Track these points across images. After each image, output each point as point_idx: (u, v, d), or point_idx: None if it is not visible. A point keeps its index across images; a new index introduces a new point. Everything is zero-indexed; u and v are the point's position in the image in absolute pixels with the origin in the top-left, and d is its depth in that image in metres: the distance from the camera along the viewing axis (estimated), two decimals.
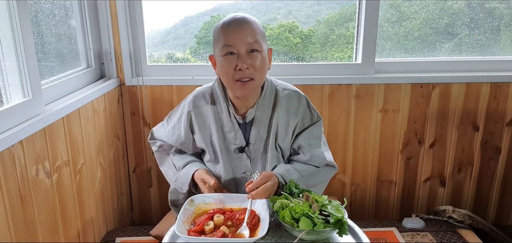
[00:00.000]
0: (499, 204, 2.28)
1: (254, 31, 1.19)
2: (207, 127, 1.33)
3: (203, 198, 1.19)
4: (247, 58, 1.18)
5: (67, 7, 1.82)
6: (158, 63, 2.22)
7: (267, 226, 1.03)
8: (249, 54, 1.19)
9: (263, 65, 1.22)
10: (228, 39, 1.18)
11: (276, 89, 1.33)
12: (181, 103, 1.43)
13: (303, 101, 1.34)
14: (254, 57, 1.19)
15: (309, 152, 1.32)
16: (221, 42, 1.19)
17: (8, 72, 1.33)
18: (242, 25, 1.18)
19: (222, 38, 1.19)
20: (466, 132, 2.16)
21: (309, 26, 2.30)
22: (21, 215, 1.26)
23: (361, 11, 2.06)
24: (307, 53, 2.26)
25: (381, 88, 2.09)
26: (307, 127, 1.34)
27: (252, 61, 1.19)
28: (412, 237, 1.93)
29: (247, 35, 1.17)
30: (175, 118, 1.42)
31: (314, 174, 1.31)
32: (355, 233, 1.06)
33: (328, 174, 1.37)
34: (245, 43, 1.17)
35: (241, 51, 1.18)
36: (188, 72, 2.11)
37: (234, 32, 1.18)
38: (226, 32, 1.19)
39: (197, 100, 1.35)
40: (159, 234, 1.89)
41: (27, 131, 1.27)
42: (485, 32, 2.19)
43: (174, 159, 1.42)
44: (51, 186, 1.43)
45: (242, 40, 1.17)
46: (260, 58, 1.20)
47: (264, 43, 1.23)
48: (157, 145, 1.48)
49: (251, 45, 1.18)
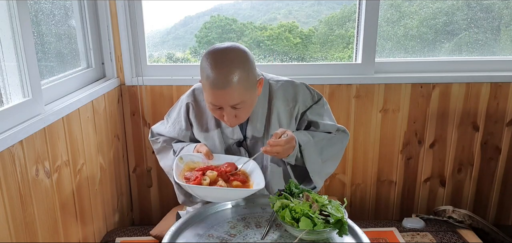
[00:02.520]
0: (499, 204, 2.28)
1: (240, 90, 1.14)
2: (204, 121, 1.34)
3: (191, 157, 1.25)
4: (232, 111, 1.18)
5: (67, 7, 1.82)
6: (158, 63, 2.22)
7: (262, 177, 1.15)
8: (235, 108, 1.17)
9: (249, 110, 1.22)
10: (214, 100, 1.16)
11: (269, 83, 1.33)
12: (178, 101, 1.43)
13: (300, 86, 1.34)
14: (240, 110, 1.18)
15: (318, 124, 1.32)
16: (208, 96, 1.17)
17: (8, 72, 1.33)
18: (228, 87, 1.12)
19: (208, 94, 1.16)
20: (466, 132, 2.16)
21: (309, 26, 2.30)
22: (21, 215, 1.26)
23: (361, 11, 2.06)
24: (307, 53, 2.26)
25: (381, 88, 2.09)
26: (310, 106, 1.34)
27: (238, 112, 1.19)
28: (412, 237, 1.93)
29: (233, 96, 1.14)
30: (174, 113, 1.42)
31: (327, 140, 1.31)
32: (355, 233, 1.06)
33: (341, 140, 1.36)
34: (232, 103, 1.16)
35: (227, 108, 1.17)
36: (188, 72, 2.11)
37: (220, 95, 1.14)
38: (212, 93, 1.14)
39: (196, 95, 1.37)
40: (159, 234, 1.89)
41: (27, 131, 1.27)
42: (485, 31, 2.19)
43: (175, 146, 1.41)
44: (51, 186, 1.43)
45: (229, 101, 1.15)
46: (247, 106, 1.19)
47: (251, 89, 1.18)
48: (160, 140, 1.45)
49: (236, 105, 1.16)
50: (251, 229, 1.08)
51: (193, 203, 1.35)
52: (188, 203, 1.36)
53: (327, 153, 1.31)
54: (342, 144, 1.37)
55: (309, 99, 1.35)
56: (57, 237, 1.48)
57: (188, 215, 1.14)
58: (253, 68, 1.18)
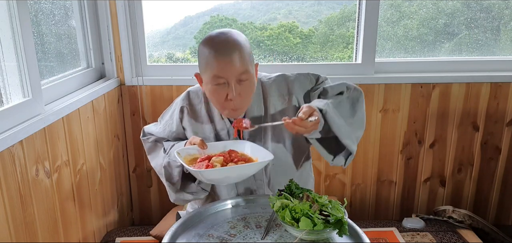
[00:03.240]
0: (499, 204, 2.28)
1: (243, 59, 1.16)
2: (199, 126, 1.32)
3: (187, 150, 1.22)
4: (237, 87, 1.17)
5: (67, 7, 1.82)
6: (158, 63, 2.22)
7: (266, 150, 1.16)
8: (239, 82, 1.18)
9: (251, 89, 1.22)
10: (219, 71, 1.15)
11: (261, 82, 1.32)
12: (172, 104, 1.41)
13: (293, 76, 1.32)
14: (244, 85, 1.18)
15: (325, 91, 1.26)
16: (212, 71, 1.17)
17: (8, 72, 1.33)
18: (232, 54, 1.15)
19: (213, 66, 1.16)
20: (466, 132, 2.16)
21: (309, 26, 2.30)
22: (21, 215, 1.26)
23: (361, 11, 2.06)
24: (307, 53, 2.26)
25: (381, 88, 2.09)
26: (311, 88, 1.30)
27: (242, 89, 1.18)
28: (412, 237, 1.93)
29: (237, 65, 1.15)
30: (167, 116, 1.40)
31: (343, 100, 1.24)
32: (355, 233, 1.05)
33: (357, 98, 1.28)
34: (236, 74, 1.16)
35: (231, 82, 1.16)
36: (188, 72, 2.11)
37: (226, 63, 1.15)
38: (217, 62, 1.15)
39: (192, 98, 1.35)
40: (159, 234, 1.89)
41: (27, 131, 1.27)
42: (485, 32, 2.19)
43: (165, 144, 1.38)
44: (51, 186, 1.43)
45: (233, 71, 1.15)
46: (249, 84, 1.20)
47: (252, 66, 1.21)
48: (151, 140, 1.43)
49: (241, 75, 1.17)
50: (251, 229, 1.08)
51: (186, 201, 1.31)
52: (180, 201, 1.31)
53: (347, 113, 1.23)
54: (359, 102, 1.28)
55: (306, 83, 1.31)
56: (57, 237, 1.48)
57: (188, 215, 1.14)
58: (250, 48, 1.21)
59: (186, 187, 1.26)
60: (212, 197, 1.35)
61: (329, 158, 1.24)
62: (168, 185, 1.28)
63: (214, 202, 1.21)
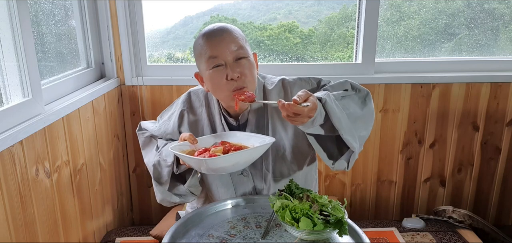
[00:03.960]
0: (499, 204, 2.28)
1: (236, 38, 1.17)
2: (200, 130, 1.30)
3: (179, 146, 1.19)
4: (235, 67, 1.15)
5: (67, 7, 1.82)
6: (158, 63, 2.22)
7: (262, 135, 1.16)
8: (237, 62, 1.16)
9: (252, 70, 1.20)
10: (213, 50, 1.15)
11: (264, 87, 1.30)
12: (173, 103, 1.40)
13: (293, 82, 1.28)
14: (242, 64, 1.17)
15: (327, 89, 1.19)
16: (206, 54, 1.17)
17: (8, 72, 1.33)
18: (224, 34, 1.16)
19: (206, 50, 1.17)
20: (466, 132, 2.16)
21: (309, 26, 2.30)
22: (21, 215, 1.26)
23: (361, 11, 2.06)
24: (307, 53, 2.26)
25: (381, 88, 2.09)
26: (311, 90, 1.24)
27: (241, 68, 1.16)
28: (412, 237, 1.93)
29: (231, 43, 1.16)
30: (166, 116, 1.39)
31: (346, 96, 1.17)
32: (355, 233, 1.05)
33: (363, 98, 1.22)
34: (230, 51, 1.15)
35: (229, 60, 1.15)
36: (188, 72, 2.11)
37: (217, 41, 1.15)
38: (209, 43, 1.16)
39: (193, 101, 1.33)
40: (159, 234, 1.89)
41: (27, 131, 1.27)
42: (485, 32, 2.19)
43: (159, 141, 1.36)
44: (51, 186, 1.43)
45: (227, 48, 1.15)
46: (248, 64, 1.18)
47: (248, 48, 1.22)
48: (146, 134, 1.42)
49: (236, 52, 1.16)
50: (251, 229, 1.08)
51: (172, 203, 1.28)
52: (166, 202, 1.28)
53: (350, 108, 1.15)
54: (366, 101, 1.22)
55: (307, 87, 1.28)
56: (57, 237, 1.48)
57: (188, 215, 1.14)
58: (243, 35, 1.23)
59: (174, 188, 1.23)
60: (209, 201, 1.33)
61: (329, 163, 1.18)
62: (156, 184, 1.26)
63: (214, 202, 1.21)
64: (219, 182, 1.29)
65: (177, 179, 1.24)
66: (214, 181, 1.29)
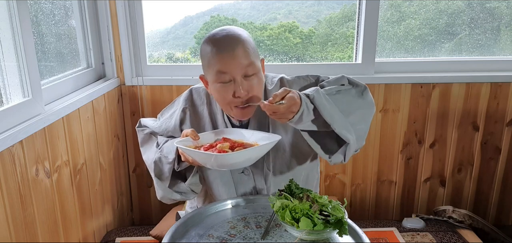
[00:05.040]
0: (499, 204, 2.28)
1: (247, 52, 1.13)
2: (201, 128, 1.30)
3: (183, 142, 1.17)
4: (244, 83, 1.13)
5: (67, 7, 1.82)
6: (158, 63, 2.22)
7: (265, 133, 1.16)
8: (246, 79, 1.14)
9: (260, 86, 1.18)
10: (222, 66, 1.12)
11: (265, 87, 1.29)
12: (174, 101, 1.39)
13: (292, 81, 1.28)
14: (251, 81, 1.14)
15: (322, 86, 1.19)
16: (215, 67, 1.13)
17: (8, 72, 1.33)
18: (235, 48, 1.11)
19: (215, 62, 1.13)
20: (466, 132, 2.16)
21: (309, 26, 2.30)
22: (21, 215, 1.26)
23: (361, 11, 2.06)
24: (307, 53, 2.26)
25: (381, 88, 2.09)
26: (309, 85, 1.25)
27: (250, 85, 1.14)
28: (412, 237, 1.93)
29: (241, 59, 1.12)
30: (167, 114, 1.38)
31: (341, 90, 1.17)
32: (355, 233, 1.05)
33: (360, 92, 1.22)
34: (240, 68, 1.12)
35: (237, 77, 1.13)
36: (188, 72, 2.11)
37: (228, 57, 1.11)
38: (219, 57, 1.12)
39: (195, 99, 1.33)
40: (159, 234, 1.89)
41: (27, 131, 1.27)
42: (485, 32, 2.19)
43: (160, 138, 1.35)
44: (51, 186, 1.43)
45: (237, 65, 1.12)
46: (257, 80, 1.16)
47: (257, 60, 1.18)
48: (146, 131, 1.41)
49: (246, 69, 1.13)
50: (251, 229, 1.08)
51: (173, 200, 1.28)
52: (166, 199, 1.28)
53: (344, 103, 1.14)
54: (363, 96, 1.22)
55: (305, 84, 1.28)
56: (57, 237, 1.48)
57: (188, 215, 1.14)
58: (254, 43, 1.18)
59: (175, 185, 1.23)
60: (210, 200, 1.34)
61: (326, 157, 1.18)
62: (157, 181, 1.26)
63: (214, 202, 1.21)
64: (220, 180, 1.29)
65: (178, 176, 1.24)
66: (214, 180, 1.29)
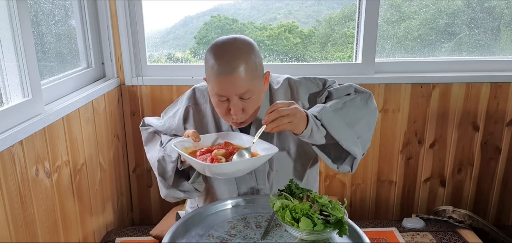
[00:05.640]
0: (499, 204, 2.28)
1: (247, 76, 1.12)
2: (204, 126, 1.30)
3: (182, 143, 1.19)
4: (239, 103, 1.15)
5: (67, 7, 1.82)
6: (158, 63, 2.22)
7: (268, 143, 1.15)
8: (242, 100, 1.15)
9: (255, 104, 1.19)
10: (219, 89, 1.13)
11: (270, 87, 1.29)
12: (177, 100, 1.39)
13: (299, 81, 1.29)
14: (247, 102, 1.15)
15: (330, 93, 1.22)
16: (213, 88, 1.15)
17: (8, 72, 1.33)
18: (234, 72, 1.10)
19: (214, 82, 1.14)
20: (466, 132, 2.16)
21: (309, 26, 2.30)
22: (21, 215, 1.26)
23: (361, 11, 2.06)
24: (307, 53, 2.26)
25: (381, 88, 2.09)
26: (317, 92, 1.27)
27: (245, 105, 1.16)
28: (412, 237, 1.93)
29: (239, 83, 1.11)
30: (171, 112, 1.38)
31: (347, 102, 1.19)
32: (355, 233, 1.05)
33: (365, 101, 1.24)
34: (237, 92, 1.13)
35: (233, 99, 1.14)
36: (188, 72, 2.11)
37: (225, 82, 1.11)
38: (218, 80, 1.12)
39: (197, 97, 1.33)
40: (159, 234, 1.89)
41: (27, 131, 1.27)
42: (485, 32, 2.19)
43: (163, 137, 1.35)
44: (51, 186, 1.43)
45: (234, 90, 1.12)
46: (254, 100, 1.17)
47: (258, 79, 1.17)
48: (150, 130, 1.41)
49: (243, 94, 1.14)
50: (251, 229, 1.08)
51: (177, 198, 1.28)
52: (170, 198, 1.28)
53: (350, 115, 1.18)
54: (367, 104, 1.24)
55: (312, 87, 1.29)
56: (57, 237, 1.48)
57: (188, 215, 1.14)
58: (259, 58, 1.16)
59: (178, 184, 1.23)
60: (211, 198, 1.34)
61: (334, 167, 1.22)
62: (160, 179, 1.26)
63: (214, 202, 1.21)
64: (221, 179, 1.29)
65: (181, 175, 1.24)
66: (216, 178, 1.29)
